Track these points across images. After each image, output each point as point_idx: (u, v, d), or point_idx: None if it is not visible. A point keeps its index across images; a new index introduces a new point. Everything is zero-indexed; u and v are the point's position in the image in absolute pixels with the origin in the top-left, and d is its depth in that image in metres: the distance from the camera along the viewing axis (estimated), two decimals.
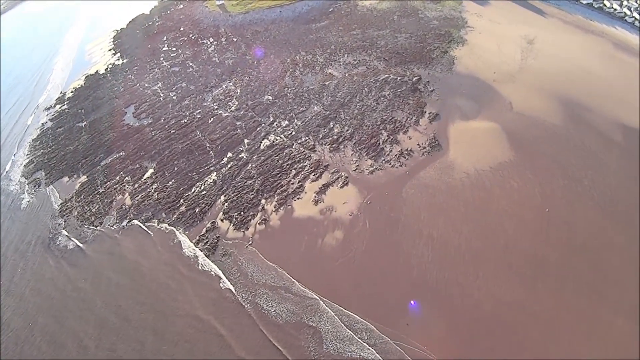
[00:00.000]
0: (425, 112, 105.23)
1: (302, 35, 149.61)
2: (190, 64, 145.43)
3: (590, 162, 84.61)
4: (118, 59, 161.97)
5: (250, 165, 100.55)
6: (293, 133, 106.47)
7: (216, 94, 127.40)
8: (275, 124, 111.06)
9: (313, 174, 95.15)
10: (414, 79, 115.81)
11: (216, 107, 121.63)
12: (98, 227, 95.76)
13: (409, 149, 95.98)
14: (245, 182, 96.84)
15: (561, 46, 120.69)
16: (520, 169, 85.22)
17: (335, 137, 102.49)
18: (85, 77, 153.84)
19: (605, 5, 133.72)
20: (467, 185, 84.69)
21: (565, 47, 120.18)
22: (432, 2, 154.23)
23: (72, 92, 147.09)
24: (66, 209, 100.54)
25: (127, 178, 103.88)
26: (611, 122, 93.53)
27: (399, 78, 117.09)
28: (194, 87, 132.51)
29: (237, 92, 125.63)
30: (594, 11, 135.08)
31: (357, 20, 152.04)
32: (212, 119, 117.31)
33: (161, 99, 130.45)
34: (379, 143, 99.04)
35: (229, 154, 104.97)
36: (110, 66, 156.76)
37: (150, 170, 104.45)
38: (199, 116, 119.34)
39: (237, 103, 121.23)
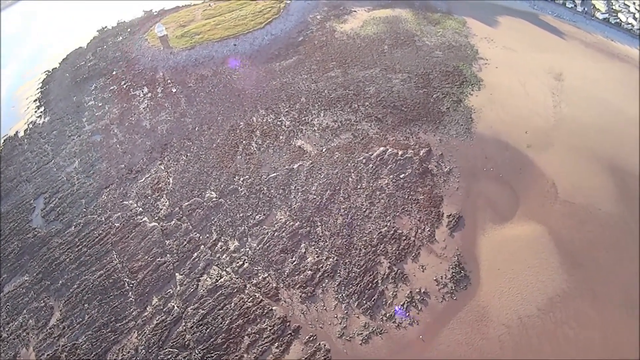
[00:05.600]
0: (442, 214, 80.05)
1: (262, 80, 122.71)
2: (116, 130, 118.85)
3: None
4: (40, 116, 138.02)
5: (183, 325, 73.61)
6: (246, 265, 78.91)
7: (142, 185, 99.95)
8: (219, 245, 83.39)
9: (276, 345, 68.63)
10: (421, 153, 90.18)
11: (140, 209, 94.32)
12: None
13: (422, 291, 70.86)
14: (177, 356, 69.99)
15: (591, 80, 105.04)
16: (576, 304, 66.08)
17: (309, 272, 75.61)
18: (3, 142, 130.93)
19: (621, 20, 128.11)
20: (509, 348, 63.14)
21: (595, 81, 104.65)
22: (430, 23, 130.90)
23: None
24: None
25: (31, 321, 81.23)
26: None
27: (400, 153, 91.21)
28: (115, 171, 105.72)
29: (169, 183, 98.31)
30: (612, 28, 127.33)
31: (335, 54, 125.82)
32: (133, 231, 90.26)
33: (75, 189, 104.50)
34: (377, 282, 72.66)
35: (155, 300, 78.10)
36: (30, 127, 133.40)
37: (57, 314, 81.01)
38: (117, 224, 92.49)
39: (167, 203, 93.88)
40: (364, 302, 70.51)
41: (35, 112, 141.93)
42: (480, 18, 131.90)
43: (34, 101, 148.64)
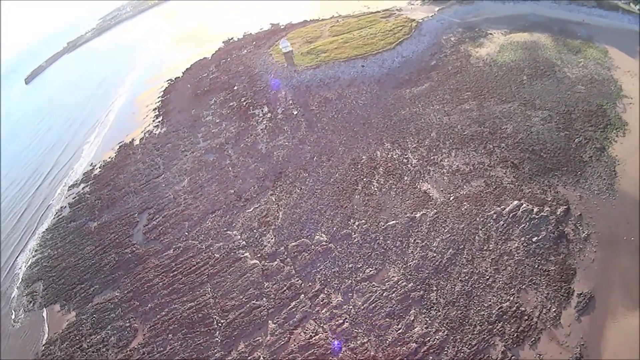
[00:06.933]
0: (572, 292, 67.74)
1: (390, 108, 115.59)
2: (230, 151, 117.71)
3: None
4: (157, 126, 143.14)
5: None
6: (346, 325, 71.46)
7: (249, 215, 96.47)
8: (321, 297, 76.78)
9: None
10: (558, 212, 77.97)
11: (243, 243, 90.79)
12: None
13: None
14: None
15: None
16: None
17: (413, 344, 66.35)
18: (119, 148, 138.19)
19: None
20: None
21: None
22: (571, 52, 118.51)
23: (100, 167, 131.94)
24: (48, 354, 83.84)
25: (112, 339, 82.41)
26: None
27: (535, 210, 79.33)
28: (223, 196, 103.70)
29: (278, 218, 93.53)
30: None
31: (470, 83, 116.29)
32: (233, 266, 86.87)
33: (180, 209, 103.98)
34: None
35: (241, 345, 73.79)
36: (146, 136, 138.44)
37: (140, 338, 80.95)
38: (217, 255, 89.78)
39: (273, 240, 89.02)
40: None
41: (153, 121, 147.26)
42: (622, 47, 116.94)
43: (153, 110, 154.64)
